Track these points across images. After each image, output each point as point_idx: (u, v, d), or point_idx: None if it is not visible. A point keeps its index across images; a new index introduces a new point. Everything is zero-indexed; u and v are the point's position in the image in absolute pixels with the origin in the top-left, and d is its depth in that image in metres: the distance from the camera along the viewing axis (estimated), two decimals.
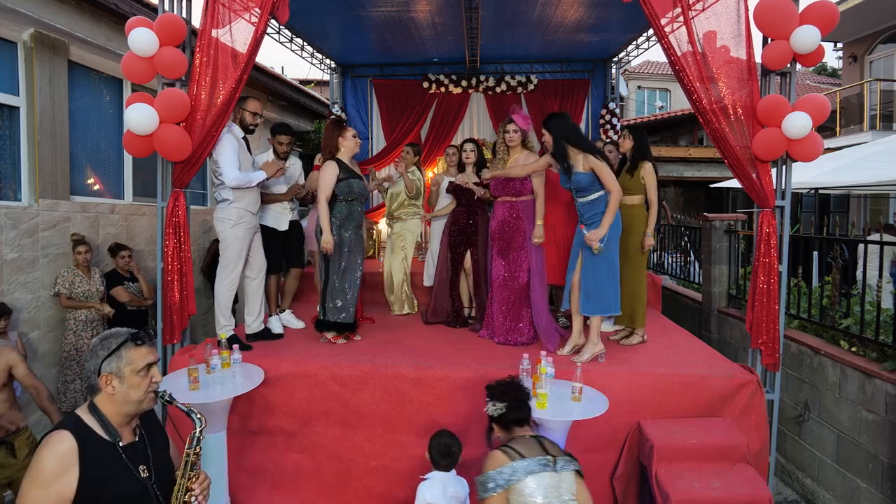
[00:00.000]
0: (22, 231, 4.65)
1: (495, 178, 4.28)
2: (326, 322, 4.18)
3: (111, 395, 1.76)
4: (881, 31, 11.77)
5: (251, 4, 3.74)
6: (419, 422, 3.56)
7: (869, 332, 3.88)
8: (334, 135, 4.23)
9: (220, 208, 4.04)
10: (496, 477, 2.24)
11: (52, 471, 1.62)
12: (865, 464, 3.66)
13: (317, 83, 13.10)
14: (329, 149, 4.22)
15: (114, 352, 1.77)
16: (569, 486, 2.30)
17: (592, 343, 3.84)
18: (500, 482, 2.23)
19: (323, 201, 4.04)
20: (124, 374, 1.76)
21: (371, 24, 6.09)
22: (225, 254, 4.06)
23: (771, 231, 3.59)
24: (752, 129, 3.55)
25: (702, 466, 3.12)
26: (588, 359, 3.78)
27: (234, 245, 4.03)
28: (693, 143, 15.12)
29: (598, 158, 3.69)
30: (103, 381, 1.76)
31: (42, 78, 4.81)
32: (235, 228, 4.01)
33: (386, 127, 7.95)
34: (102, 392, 1.77)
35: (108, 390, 1.76)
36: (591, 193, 3.76)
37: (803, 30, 3.38)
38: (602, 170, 3.68)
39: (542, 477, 2.25)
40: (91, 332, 4.91)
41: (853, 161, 7.78)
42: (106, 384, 1.76)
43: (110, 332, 1.84)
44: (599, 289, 3.78)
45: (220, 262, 4.10)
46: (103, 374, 1.75)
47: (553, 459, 2.31)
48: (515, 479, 2.23)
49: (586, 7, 5.60)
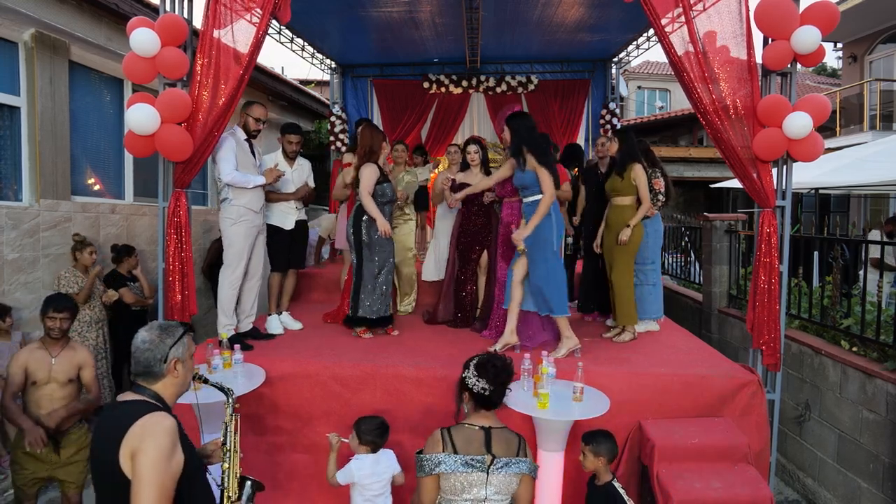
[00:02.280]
0: (23, 231, 4.65)
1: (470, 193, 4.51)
2: (357, 318, 4.35)
3: (175, 378, 1.90)
4: (881, 31, 11.77)
5: (252, 5, 3.74)
6: (419, 422, 3.56)
7: (869, 331, 3.88)
8: (377, 139, 4.38)
9: (223, 207, 4.10)
10: (427, 463, 2.27)
11: (170, 446, 1.69)
12: (866, 464, 3.66)
13: (317, 83, 13.11)
14: (370, 152, 4.35)
15: (179, 339, 1.91)
16: (498, 486, 2.27)
17: (566, 338, 3.93)
18: (427, 468, 2.27)
19: (367, 196, 4.22)
20: (185, 359, 1.92)
21: (371, 24, 6.10)
22: (227, 252, 4.10)
23: (771, 231, 3.59)
24: (752, 129, 3.55)
25: (703, 466, 3.13)
26: (564, 354, 3.81)
27: (235, 243, 4.06)
28: (693, 143, 15.12)
29: (540, 162, 3.78)
30: (172, 366, 1.88)
31: (43, 78, 4.81)
32: (236, 226, 4.05)
33: (386, 127, 7.96)
34: (167, 377, 1.88)
35: (174, 374, 1.89)
36: (534, 194, 3.85)
37: (804, 30, 3.38)
38: (541, 172, 3.77)
39: (466, 475, 2.25)
40: (96, 331, 4.91)
41: (853, 161, 7.79)
42: (174, 368, 1.88)
43: (166, 323, 1.97)
44: (539, 289, 3.87)
45: (223, 261, 4.13)
46: (171, 359, 1.88)
47: (490, 460, 2.26)
48: (442, 470, 2.25)
49: (586, 7, 5.60)
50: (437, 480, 2.27)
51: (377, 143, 4.35)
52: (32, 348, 3.26)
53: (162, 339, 1.88)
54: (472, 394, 2.39)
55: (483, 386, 2.37)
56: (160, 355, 1.86)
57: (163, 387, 1.88)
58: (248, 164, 4.17)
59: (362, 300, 4.33)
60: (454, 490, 2.26)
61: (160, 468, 1.65)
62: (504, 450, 2.31)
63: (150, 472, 1.63)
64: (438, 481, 2.27)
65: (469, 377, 2.42)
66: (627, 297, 4.32)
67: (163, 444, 1.67)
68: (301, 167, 4.84)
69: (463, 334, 4.65)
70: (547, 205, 3.75)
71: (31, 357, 3.21)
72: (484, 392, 2.37)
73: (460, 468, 2.23)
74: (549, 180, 3.76)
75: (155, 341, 1.87)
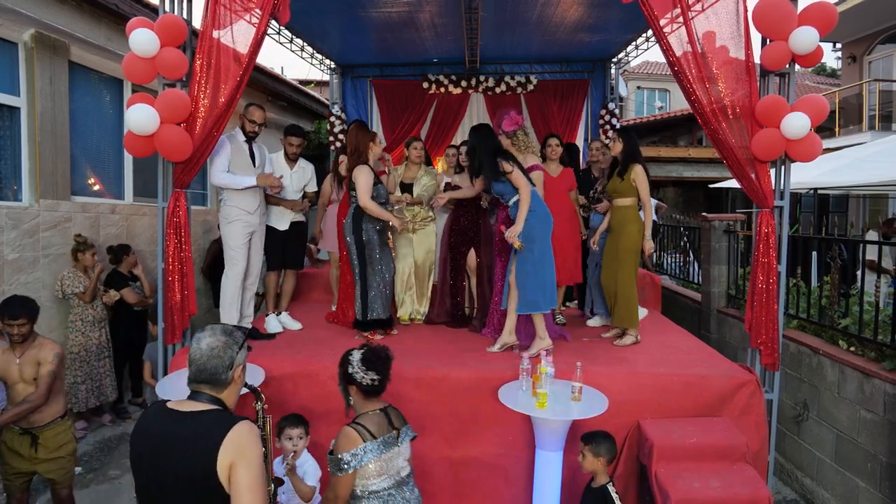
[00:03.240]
0: (23, 231, 4.65)
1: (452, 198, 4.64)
2: (368, 322, 4.33)
3: (237, 385, 1.89)
4: (880, 32, 11.78)
5: (252, 5, 3.75)
6: (419, 422, 3.55)
7: (867, 331, 3.89)
8: (365, 140, 4.34)
9: (220, 208, 4.20)
10: (350, 459, 2.35)
11: (262, 454, 1.75)
12: (864, 463, 3.67)
13: (317, 83, 13.11)
14: (358, 153, 4.31)
15: (243, 344, 1.90)
16: (405, 453, 2.52)
17: (539, 338, 3.95)
18: (353, 464, 2.35)
19: (367, 199, 4.17)
20: (245, 364, 1.92)
21: (371, 24, 6.10)
22: (227, 252, 4.22)
23: (770, 231, 3.60)
24: (750, 130, 3.56)
25: (701, 466, 3.13)
26: (534, 353, 3.80)
27: (230, 242, 4.19)
28: (692, 143, 15.13)
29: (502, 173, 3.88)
30: (237, 373, 1.87)
31: (43, 78, 4.81)
32: (230, 226, 4.16)
33: (386, 127, 7.95)
34: (232, 384, 1.86)
35: (238, 381, 1.89)
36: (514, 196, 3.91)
37: (802, 31, 3.39)
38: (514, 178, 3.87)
39: (387, 455, 2.42)
40: (98, 330, 4.91)
41: (852, 161, 7.80)
42: (238, 376, 1.88)
43: (226, 326, 1.93)
44: (523, 287, 3.89)
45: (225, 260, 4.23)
46: (237, 365, 1.86)
47: (397, 434, 2.48)
48: (365, 461, 2.37)
49: (586, 7, 5.60)
50: (355, 474, 2.38)
51: (363, 144, 4.30)
52: (2, 349, 3.20)
53: (228, 346, 1.84)
54: (362, 386, 2.51)
55: (373, 377, 2.50)
56: (228, 362, 1.82)
57: (227, 394, 1.85)
58: (244, 166, 4.19)
59: (371, 303, 4.32)
60: (378, 473, 2.41)
61: (261, 476, 1.70)
62: (399, 421, 2.55)
63: (256, 481, 1.67)
64: (356, 474, 2.39)
65: (356, 373, 2.51)
66: (631, 300, 4.28)
67: (259, 453, 1.73)
68: (302, 170, 4.85)
69: (461, 334, 4.67)
70: (526, 198, 3.80)
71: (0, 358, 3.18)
72: (374, 383, 2.51)
73: (383, 451, 2.41)
74: (522, 179, 3.85)
75: (222, 347, 1.83)
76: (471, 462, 3.53)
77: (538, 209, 3.88)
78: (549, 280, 3.90)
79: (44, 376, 3.13)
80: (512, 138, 4.28)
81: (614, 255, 4.36)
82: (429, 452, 3.53)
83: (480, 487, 3.54)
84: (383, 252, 4.36)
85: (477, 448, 3.54)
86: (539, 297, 3.86)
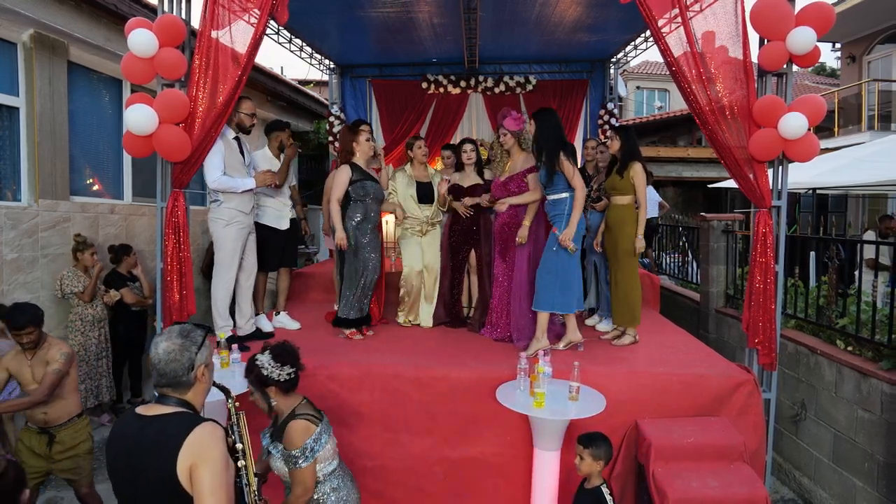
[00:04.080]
0: (21, 231, 4.66)
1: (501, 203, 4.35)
2: (341, 319, 4.34)
3: (203, 385, 1.84)
4: (879, 32, 11.78)
5: (250, 5, 3.75)
6: (418, 422, 3.57)
7: (865, 331, 3.89)
8: (348, 139, 4.39)
9: (213, 208, 4.07)
10: (313, 445, 2.41)
11: (226, 456, 1.71)
12: (862, 463, 3.68)
13: (316, 83, 13.11)
14: (345, 153, 4.36)
15: (202, 344, 1.84)
16: (329, 429, 2.61)
17: (536, 339, 3.98)
18: (317, 448, 2.41)
19: (335, 202, 4.24)
20: (210, 362, 1.86)
21: (370, 24, 6.11)
22: (219, 254, 4.10)
23: (767, 231, 3.60)
24: (748, 130, 3.56)
25: (699, 466, 3.14)
26: (531, 353, 3.81)
27: (228, 245, 4.06)
28: (692, 143, 15.13)
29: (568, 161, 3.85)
30: (199, 373, 1.82)
31: (41, 78, 4.82)
32: (228, 228, 4.04)
33: (385, 127, 7.96)
34: (196, 385, 1.82)
35: (202, 381, 1.83)
36: (557, 192, 3.92)
37: (799, 31, 3.39)
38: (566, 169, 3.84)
39: (331, 436, 2.58)
40: (98, 330, 4.92)
41: (851, 161, 7.80)
42: (202, 375, 1.82)
43: (185, 327, 1.87)
44: (540, 286, 3.94)
45: (215, 263, 4.12)
46: (198, 365, 1.81)
47: (321, 415, 2.60)
48: (324, 441, 2.45)
49: (584, 7, 5.61)
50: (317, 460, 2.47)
51: (347, 143, 4.37)
52: (16, 351, 3.25)
53: (185, 348, 1.80)
54: (281, 383, 2.54)
55: (289, 371, 2.55)
56: (187, 364, 1.79)
57: (192, 395, 1.82)
58: (237, 164, 4.13)
59: (347, 302, 4.32)
60: (333, 452, 2.58)
61: (223, 478, 1.66)
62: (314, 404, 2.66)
63: (216, 483, 1.64)
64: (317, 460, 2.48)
65: (271, 372, 2.53)
66: (634, 299, 4.28)
67: (222, 454, 1.69)
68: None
69: (461, 334, 4.67)
70: (580, 204, 3.81)
71: (13, 361, 3.22)
72: (290, 376, 2.56)
73: (330, 433, 2.59)
74: (580, 181, 3.84)
75: (178, 350, 1.79)
76: (469, 461, 3.54)
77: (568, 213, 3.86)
78: (574, 283, 3.93)
79: (48, 374, 3.15)
80: (516, 137, 4.27)
81: (613, 254, 4.38)
82: (428, 452, 3.53)
83: (479, 487, 3.54)
84: (365, 253, 4.31)
85: (476, 448, 3.54)
86: (559, 299, 3.88)
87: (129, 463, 1.74)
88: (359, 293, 4.32)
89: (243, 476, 2.00)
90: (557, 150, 3.85)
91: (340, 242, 4.20)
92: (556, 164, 3.84)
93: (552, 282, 3.90)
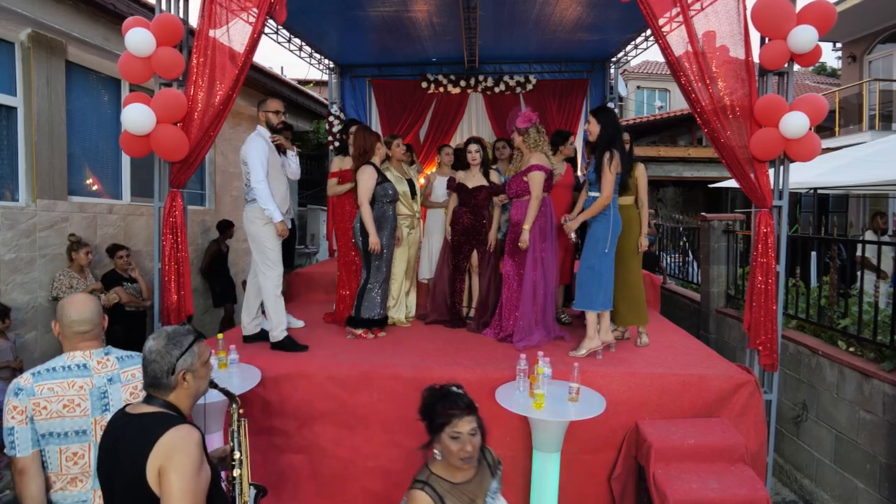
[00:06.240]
0: (19, 231, 4.64)
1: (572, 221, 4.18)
2: (359, 319, 4.34)
3: (185, 390, 1.81)
4: (880, 31, 11.77)
5: (248, 5, 3.73)
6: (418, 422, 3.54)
7: (867, 332, 3.88)
8: (370, 139, 4.35)
9: (250, 208, 4.00)
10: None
11: (199, 460, 1.67)
12: (863, 464, 3.66)
13: (315, 83, 13.10)
14: (364, 153, 4.31)
15: (187, 349, 1.82)
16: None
17: (588, 338, 3.92)
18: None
19: (366, 204, 4.21)
20: (195, 368, 1.83)
21: (369, 24, 6.10)
22: (263, 254, 3.99)
23: (768, 231, 3.58)
24: (749, 129, 3.54)
25: (700, 467, 3.12)
26: (584, 354, 3.81)
27: (268, 244, 3.99)
28: (692, 142, 15.12)
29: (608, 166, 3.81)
30: (180, 378, 1.80)
31: (39, 78, 4.80)
32: (267, 227, 3.97)
33: (385, 127, 7.95)
34: (177, 388, 1.80)
35: (184, 386, 1.81)
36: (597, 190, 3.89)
37: (800, 30, 3.37)
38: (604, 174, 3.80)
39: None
40: None
41: (852, 161, 7.77)
42: (182, 380, 1.80)
43: (174, 330, 1.86)
44: (578, 284, 3.94)
45: (258, 263, 4.03)
46: (179, 370, 1.79)
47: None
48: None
49: (584, 6, 5.60)
50: None
51: (370, 144, 4.32)
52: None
53: (168, 350, 1.79)
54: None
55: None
56: (167, 367, 1.77)
57: (176, 398, 1.80)
58: (277, 165, 4.12)
59: (369, 302, 4.34)
60: None
61: (193, 484, 1.62)
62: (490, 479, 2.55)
63: (183, 488, 1.60)
64: None
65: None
66: (641, 297, 4.26)
67: (193, 459, 1.64)
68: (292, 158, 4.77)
69: (460, 334, 4.65)
70: (601, 205, 3.81)
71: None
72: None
73: None
74: (610, 183, 3.80)
75: (161, 352, 1.78)
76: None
77: (615, 215, 3.88)
78: (608, 282, 3.93)
79: None
80: (524, 135, 4.23)
81: (618, 255, 4.32)
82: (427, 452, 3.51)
83: None
84: (388, 253, 4.41)
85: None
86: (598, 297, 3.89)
87: (110, 459, 1.73)
88: (379, 295, 4.38)
89: (236, 486, 1.96)
90: (602, 152, 3.83)
91: (375, 248, 4.21)
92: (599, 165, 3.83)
93: (595, 281, 3.88)
